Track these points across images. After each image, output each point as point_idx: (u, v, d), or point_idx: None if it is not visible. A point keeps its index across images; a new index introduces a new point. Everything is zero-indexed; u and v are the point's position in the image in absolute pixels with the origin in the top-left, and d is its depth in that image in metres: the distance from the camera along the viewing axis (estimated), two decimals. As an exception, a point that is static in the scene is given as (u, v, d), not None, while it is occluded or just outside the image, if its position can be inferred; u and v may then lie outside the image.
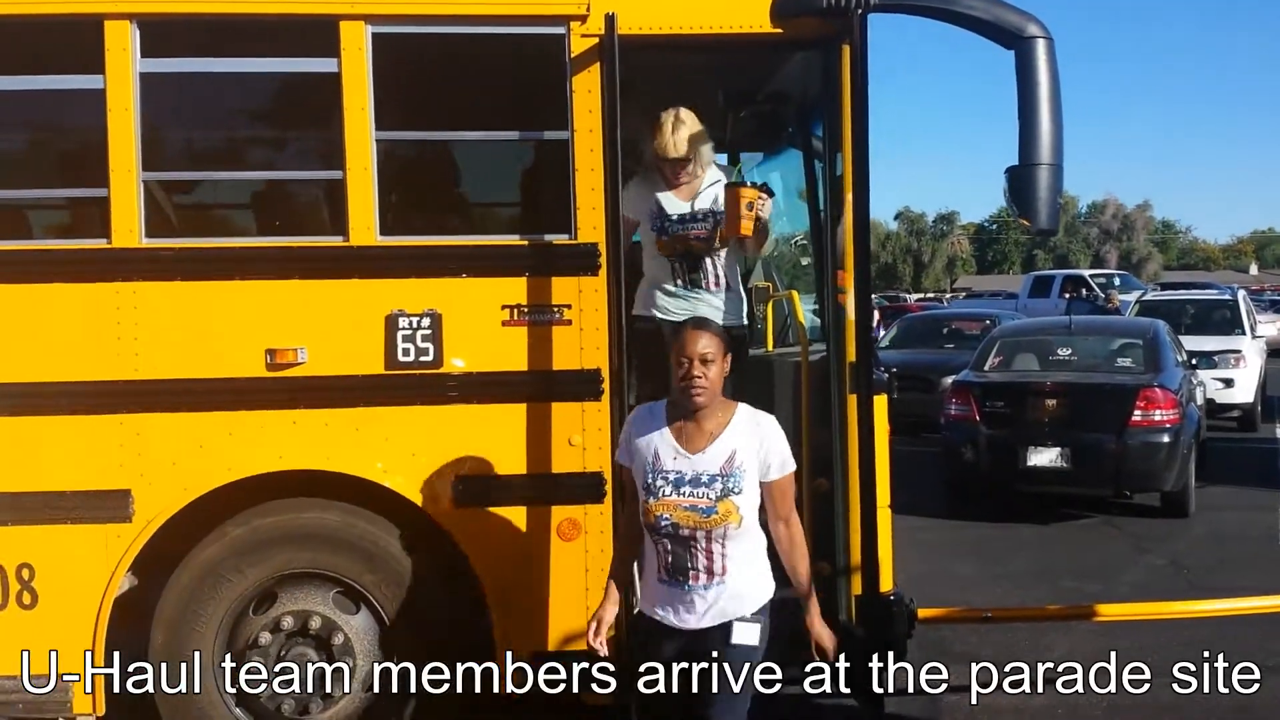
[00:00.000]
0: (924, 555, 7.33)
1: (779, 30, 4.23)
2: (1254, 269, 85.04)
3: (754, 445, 3.26)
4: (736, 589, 3.25)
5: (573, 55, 4.18)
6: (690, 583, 3.22)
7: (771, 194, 4.44)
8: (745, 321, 4.86)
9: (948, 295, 44.67)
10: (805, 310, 5.00)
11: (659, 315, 4.64)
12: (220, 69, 4.27)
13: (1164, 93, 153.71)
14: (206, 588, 4.08)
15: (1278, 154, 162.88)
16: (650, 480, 3.27)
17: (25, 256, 4.10)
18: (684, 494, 3.20)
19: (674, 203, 4.62)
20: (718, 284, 4.63)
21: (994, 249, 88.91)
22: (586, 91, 4.18)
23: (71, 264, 4.07)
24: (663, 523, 3.22)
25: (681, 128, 4.50)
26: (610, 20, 4.05)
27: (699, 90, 5.63)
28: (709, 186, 4.64)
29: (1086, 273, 30.94)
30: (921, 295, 53.63)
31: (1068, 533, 8.86)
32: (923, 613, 4.54)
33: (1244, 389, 13.75)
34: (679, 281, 4.61)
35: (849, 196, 4.20)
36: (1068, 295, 24.73)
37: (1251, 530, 8.72)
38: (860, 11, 4.08)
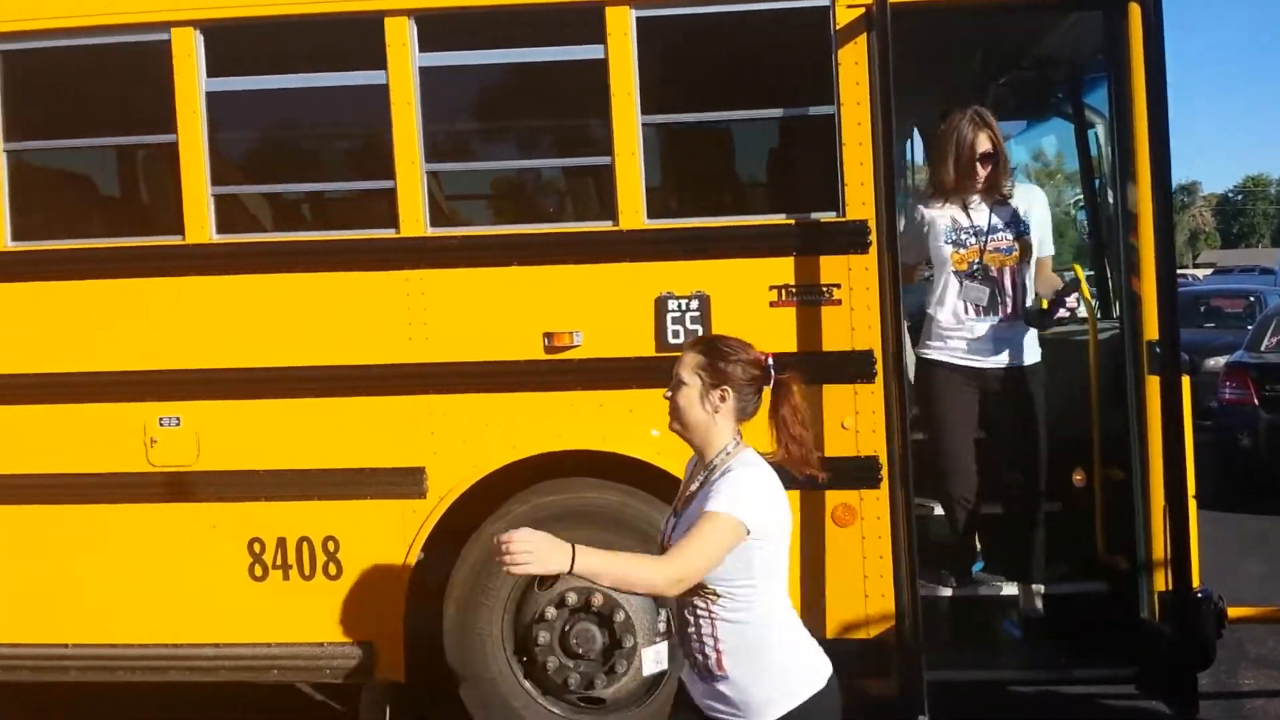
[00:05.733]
0: (1206, 550, 6.75)
1: None
2: None
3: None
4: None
5: (838, 27, 4.07)
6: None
7: None
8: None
9: (1204, 272, 41.33)
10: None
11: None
12: (492, 60, 4.38)
13: None
14: (495, 564, 4.22)
15: None
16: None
17: (325, 247, 4.35)
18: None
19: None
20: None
21: (1240, 221, 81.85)
22: (853, 63, 4.06)
23: (364, 253, 4.29)
24: None
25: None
26: (883, -11, 3.90)
27: (959, 58, 5.40)
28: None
29: (1358, 243, 27.92)
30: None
31: (1364, 527, 8.00)
32: (1232, 612, 4.18)
33: None
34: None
35: (1144, 165, 3.91)
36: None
37: None
38: (1158, -35, 3.77)
